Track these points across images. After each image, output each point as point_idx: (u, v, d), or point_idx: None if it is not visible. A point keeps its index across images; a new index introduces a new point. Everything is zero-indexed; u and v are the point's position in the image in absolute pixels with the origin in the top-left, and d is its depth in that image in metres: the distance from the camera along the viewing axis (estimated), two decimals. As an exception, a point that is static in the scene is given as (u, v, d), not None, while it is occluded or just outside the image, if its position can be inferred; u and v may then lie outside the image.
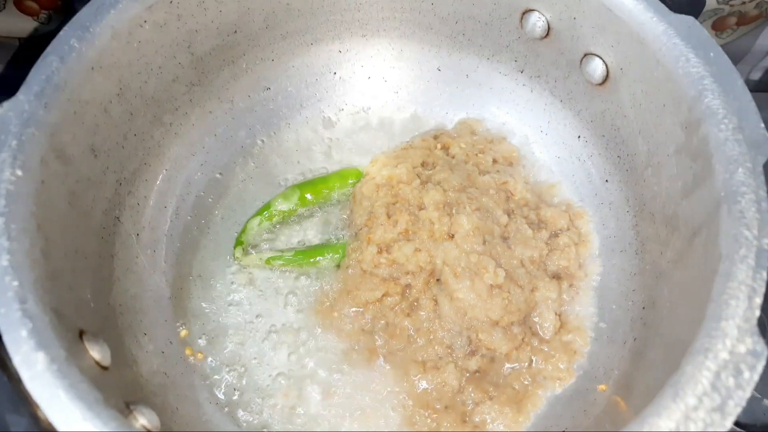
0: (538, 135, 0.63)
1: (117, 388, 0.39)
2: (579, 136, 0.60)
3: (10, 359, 0.34)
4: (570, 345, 0.53)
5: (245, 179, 0.62)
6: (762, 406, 0.40)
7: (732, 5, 0.75)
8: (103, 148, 0.49)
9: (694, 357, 0.35)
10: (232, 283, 0.57)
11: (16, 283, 0.35)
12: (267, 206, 0.60)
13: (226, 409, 0.51)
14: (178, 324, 0.54)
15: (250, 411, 0.51)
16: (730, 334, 0.35)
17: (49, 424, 0.32)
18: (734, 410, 0.33)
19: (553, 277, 0.55)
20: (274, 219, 0.60)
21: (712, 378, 0.34)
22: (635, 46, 0.49)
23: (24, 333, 0.34)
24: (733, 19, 0.78)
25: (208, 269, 0.57)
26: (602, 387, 0.49)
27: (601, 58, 0.53)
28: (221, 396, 0.51)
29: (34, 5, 0.75)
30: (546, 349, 0.52)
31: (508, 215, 0.57)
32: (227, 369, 0.53)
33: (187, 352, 0.52)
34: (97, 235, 0.48)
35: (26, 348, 0.33)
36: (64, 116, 0.43)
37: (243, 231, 0.59)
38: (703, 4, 0.59)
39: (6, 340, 0.34)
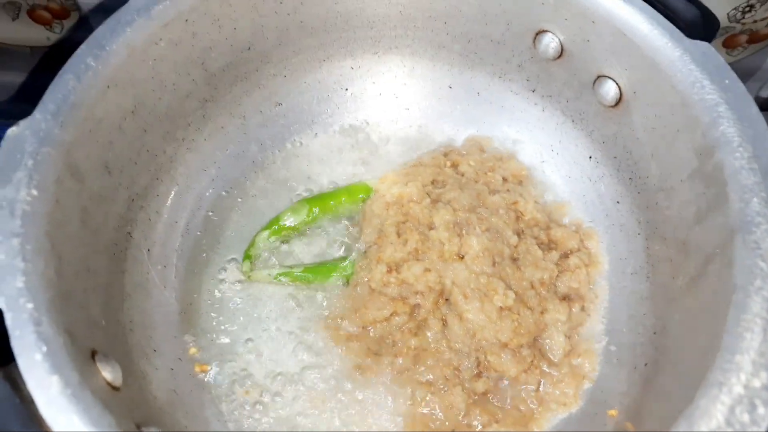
0: (549, 154, 0.63)
1: (128, 410, 0.39)
2: (590, 157, 0.60)
3: (22, 380, 0.34)
4: (579, 369, 0.52)
5: (255, 194, 0.62)
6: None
7: (743, 23, 0.74)
8: (117, 164, 0.49)
9: (709, 390, 0.35)
10: (240, 298, 0.57)
11: (30, 305, 0.35)
12: (276, 220, 0.60)
13: (232, 426, 0.51)
14: (186, 340, 0.54)
15: (257, 428, 0.51)
16: (744, 368, 0.35)
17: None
18: (749, 446, 0.33)
19: (563, 299, 0.55)
20: (283, 233, 0.60)
21: (726, 413, 0.34)
22: (649, 70, 0.49)
23: (38, 356, 0.34)
24: (744, 37, 0.78)
25: (217, 285, 0.57)
26: (612, 412, 0.49)
27: (614, 81, 0.53)
28: (228, 413, 0.51)
29: (47, 15, 0.75)
30: (555, 373, 0.52)
31: (518, 236, 0.57)
32: (234, 385, 0.52)
33: (196, 368, 0.52)
34: (109, 252, 0.49)
35: (40, 371, 0.33)
36: (79, 134, 0.43)
37: (251, 245, 0.59)
38: (719, 23, 0.59)
39: (20, 363, 0.33)
